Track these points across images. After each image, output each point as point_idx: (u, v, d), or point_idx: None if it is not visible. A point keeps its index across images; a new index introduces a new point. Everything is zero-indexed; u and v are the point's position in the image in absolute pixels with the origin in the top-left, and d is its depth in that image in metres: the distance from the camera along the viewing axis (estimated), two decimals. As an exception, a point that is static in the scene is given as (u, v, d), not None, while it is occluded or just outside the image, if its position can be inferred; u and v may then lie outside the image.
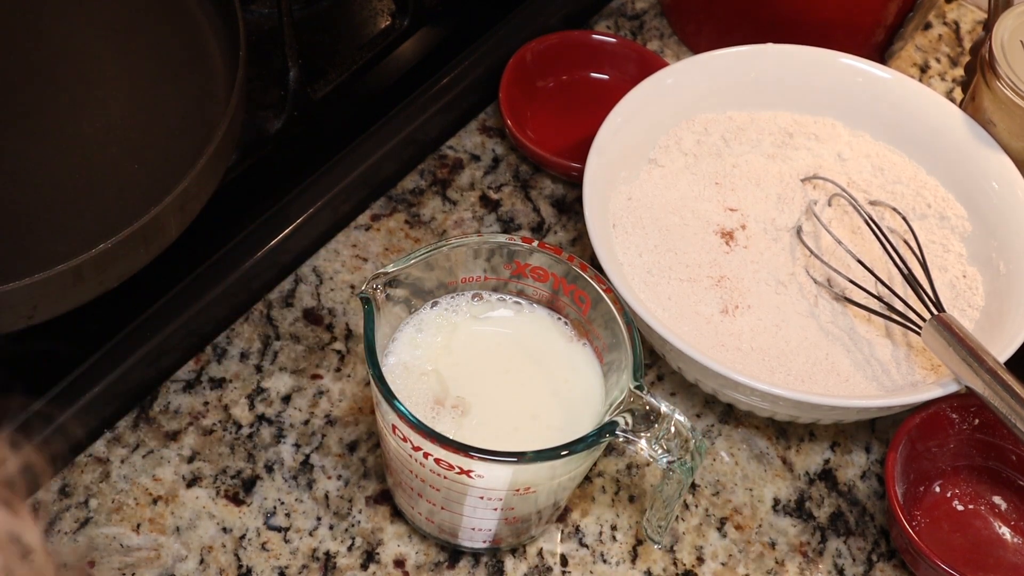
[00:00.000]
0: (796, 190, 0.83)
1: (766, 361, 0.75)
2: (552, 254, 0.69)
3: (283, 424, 0.76)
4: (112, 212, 0.70)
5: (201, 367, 0.78)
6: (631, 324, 0.66)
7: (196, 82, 0.75)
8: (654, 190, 0.82)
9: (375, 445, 0.75)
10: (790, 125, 0.85)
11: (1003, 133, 0.81)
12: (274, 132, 0.80)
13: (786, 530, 0.75)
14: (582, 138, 0.84)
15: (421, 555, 0.72)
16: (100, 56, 0.77)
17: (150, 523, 0.72)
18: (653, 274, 0.78)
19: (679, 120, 0.84)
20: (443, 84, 0.87)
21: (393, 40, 0.86)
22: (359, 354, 0.79)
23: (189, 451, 0.74)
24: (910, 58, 0.97)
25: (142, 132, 0.74)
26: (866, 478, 0.77)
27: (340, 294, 0.81)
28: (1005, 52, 0.79)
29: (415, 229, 0.85)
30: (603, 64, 0.92)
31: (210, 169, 0.70)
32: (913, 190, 0.83)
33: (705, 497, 0.75)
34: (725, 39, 0.87)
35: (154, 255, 0.68)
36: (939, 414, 0.74)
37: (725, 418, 0.78)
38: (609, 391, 0.68)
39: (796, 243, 0.80)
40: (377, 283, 0.66)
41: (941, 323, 0.72)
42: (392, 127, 0.84)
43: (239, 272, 0.78)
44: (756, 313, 0.77)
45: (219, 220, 0.77)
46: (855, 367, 0.76)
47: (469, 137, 0.89)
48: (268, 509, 0.73)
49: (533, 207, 0.86)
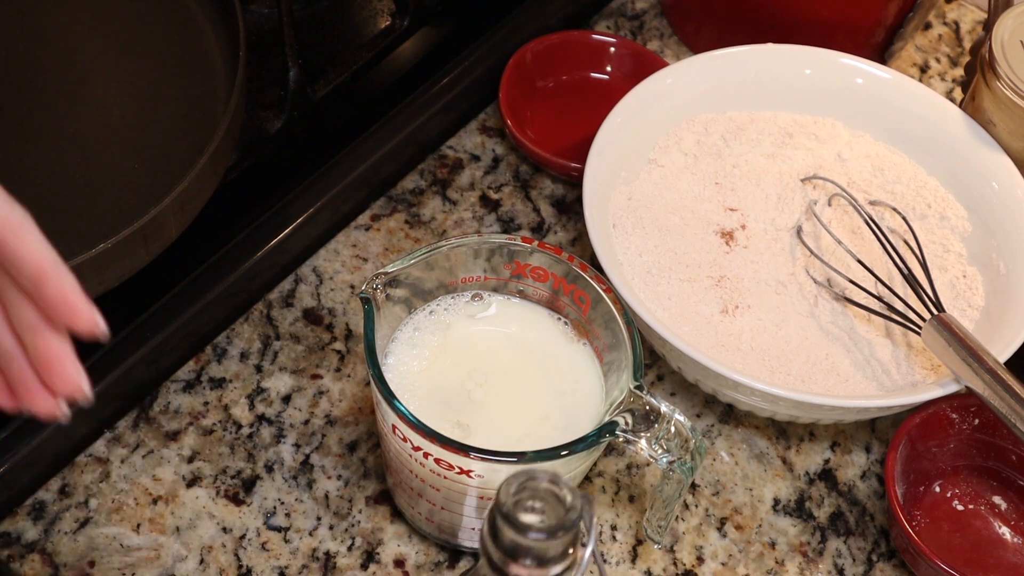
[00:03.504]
0: (796, 190, 0.83)
1: (766, 361, 0.75)
2: (552, 254, 0.69)
3: (283, 424, 0.76)
4: (112, 212, 0.70)
5: (201, 367, 0.78)
6: (631, 324, 0.66)
7: (196, 82, 0.75)
8: (654, 190, 0.82)
9: (375, 445, 0.75)
10: (790, 125, 0.85)
11: (1003, 133, 0.81)
12: (274, 132, 0.80)
13: (786, 530, 0.75)
14: (582, 138, 0.84)
15: (421, 555, 0.72)
16: (100, 56, 0.77)
17: (150, 523, 0.72)
18: (653, 274, 0.78)
19: (679, 120, 0.84)
20: (443, 84, 0.87)
21: (393, 40, 0.86)
22: (359, 354, 0.79)
23: (189, 451, 0.74)
24: (910, 58, 0.97)
25: (142, 132, 0.74)
26: (866, 478, 0.77)
27: (340, 294, 0.81)
28: (1005, 52, 0.79)
29: (415, 229, 0.85)
30: (603, 64, 0.92)
31: (210, 169, 0.70)
32: (913, 190, 0.83)
33: (705, 497, 0.75)
34: (725, 39, 0.87)
35: (154, 255, 0.68)
36: (939, 414, 0.74)
37: (725, 418, 0.78)
38: (609, 391, 0.68)
39: (796, 243, 0.80)
40: (377, 283, 0.66)
41: (941, 323, 0.72)
42: (392, 127, 0.84)
43: (239, 272, 0.78)
44: (756, 313, 0.77)
45: (219, 220, 0.77)
46: (855, 367, 0.76)
47: (469, 137, 0.89)
48: (268, 509, 0.73)
49: (533, 207, 0.86)
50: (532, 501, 0.49)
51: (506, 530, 0.48)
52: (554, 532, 0.48)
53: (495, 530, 0.48)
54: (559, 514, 0.48)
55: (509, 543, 0.48)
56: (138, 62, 0.76)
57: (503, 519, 0.48)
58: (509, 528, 0.47)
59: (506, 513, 0.48)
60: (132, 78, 0.76)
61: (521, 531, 0.47)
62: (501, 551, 0.48)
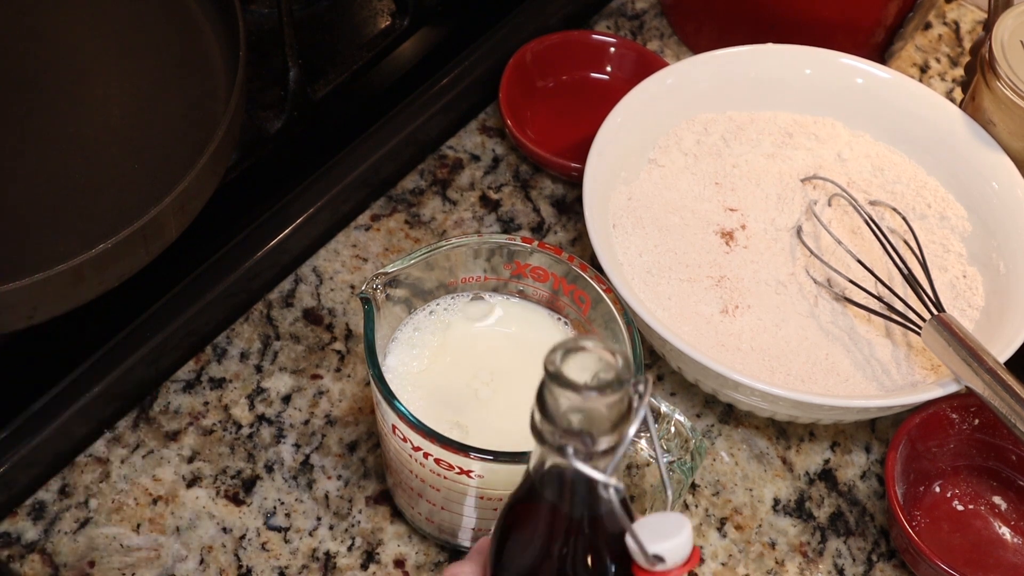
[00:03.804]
0: (796, 190, 0.83)
1: (766, 361, 0.75)
2: (552, 254, 0.69)
3: (283, 424, 0.76)
4: (112, 212, 0.70)
5: (201, 367, 0.78)
6: (631, 324, 0.66)
7: (196, 82, 0.75)
8: (654, 190, 0.82)
9: (375, 445, 0.75)
10: (790, 125, 0.85)
11: (1003, 133, 0.81)
12: (274, 132, 0.80)
13: (786, 530, 0.75)
14: (582, 138, 0.84)
15: (421, 555, 0.72)
16: (100, 56, 0.77)
17: (150, 523, 0.72)
18: (653, 274, 0.78)
19: (679, 120, 0.84)
20: (443, 84, 0.87)
21: (393, 40, 0.86)
22: (359, 354, 0.79)
23: (189, 451, 0.74)
24: (910, 58, 0.97)
25: (142, 132, 0.74)
26: (866, 478, 0.77)
27: (340, 294, 0.81)
28: (1005, 52, 0.79)
29: (415, 229, 0.85)
30: (603, 64, 0.92)
31: (210, 169, 0.70)
32: (913, 190, 0.83)
33: (705, 497, 0.75)
34: (725, 39, 0.87)
35: (154, 255, 0.68)
36: (939, 414, 0.74)
37: (725, 418, 0.78)
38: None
39: (796, 243, 0.80)
40: (377, 283, 0.66)
41: (941, 323, 0.72)
42: (392, 127, 0.84)
43: (239, 272, 0.78)
44: (756, 313, 0.77)
45: (219, 220, 0.77)
46: (855, 367, 0.76)
47: (469, 137, 0.89)
48: (268, 509, 0.73)
49: (533, 207, 0.86)
50: (580, 362, 0.46)
51: (556, 392, 0.45)
52: (605, 387, 0.45)
53: (543, 403, 0.46)
54: (608, 374, 0.46)
55: (559, 409, 0.45)
56: (138, 62, 0.77)
57: (552, 380, 0.45)
58: (559, 388, 0.45)
59: (554, 374, 0.45)
60: (132, 78, 0.76)
61: (572, 388, 0.45)
62: (551, 423, 0.46)
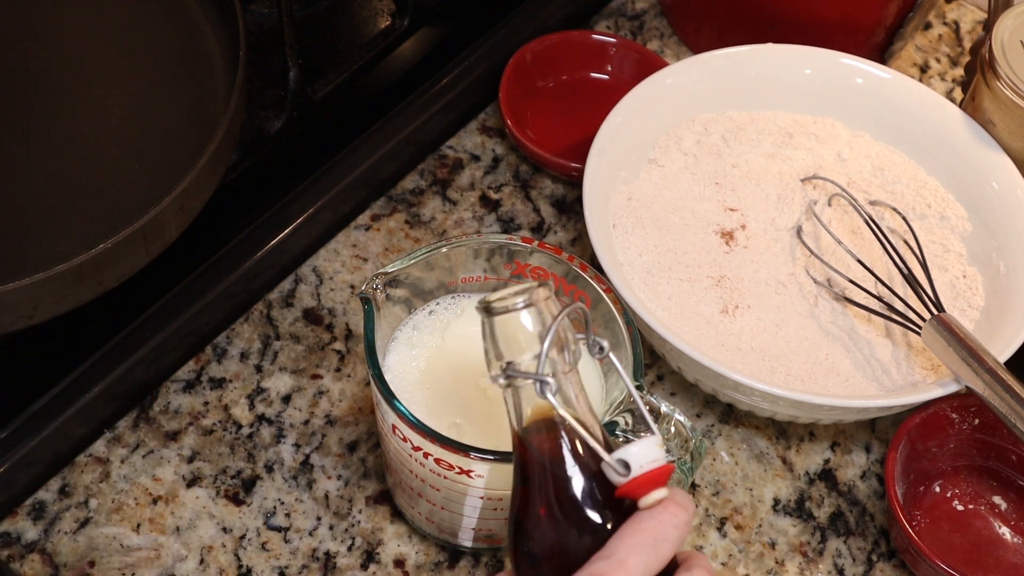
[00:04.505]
0: (796, 190, 0.83)
1: (766, 361, 0.75)
2: (552, 254, 0.69)
3: (283, 424, 0.76)
4: (112, 212, 0.70)
5: (201, 367, 0.78)
6: (631, 324, 0.66)
7: (196, 82, 0.75)
8: (654, 190, 0.82)
9: (375, 445, 0.75)
10: (790, 125, 0.85)
11: (1003, 133, 0.81)
12: (274, 132, 0.80)
13: (786, 530, 0.75)
14: (582, 138, 0.84)
15: (421, 555, 0.72)
16: (100, 56, 0.77)
17: (150, 523, 0.72)
18: (653, 274, 0.78)
19: (679, 120, 0.84)
20: (443, 84, 0.87)
21: (393, 40, 0.86)
22: (359, 354, 0.79)
23: (189, 451, 0.74)
24: (910, 58, 0.97)
25: (142, 132, 0.74)
26: (866, 478, 0.77)
27: (340, 294, 0.81)
28: (1005, 52, 0.79)
29: (415, 229, 0.85)
30: (603, 64, 0.92)
31: (210, 169, 0.70)
32: (913, 190, 0.83)
33: (705, 497, 0.75)
34: (725, 39, 0.87)
35: (154, 255, 0.68)
36: (939, 414, 0.74)
37: (725, 418, 0.78)
38: (609, 391, 0.68)
39: (796, 243, 0.80)
40: (377, 283, 0.66)
41: (941, 323, 0.72)
42: (392, 127, 0.84)
43: (239, 272, 0.78)
44: (756, 313, 0.77)
45: (219, 220, 0.77)
46: (855, 367, 0.76)
47: (469, 137, 0.89)
48: (268, 509, 0.73)
49: (533, 207, 0.86)
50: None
51: (487, 324, 0.53)
52: (514, 306, 0.52)
53: (485, 343, 0.53)
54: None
55: (495, 341, 0.53)
56: (138, 62, 0.76)
57: (483, 313, 0.53)
58: (487, 317, 0.53)
59: (484, 306, 0.53)
60: (132, 78, 0.76)
61: (494, 312, 0.52)
62: (497, 357, 0.53)
